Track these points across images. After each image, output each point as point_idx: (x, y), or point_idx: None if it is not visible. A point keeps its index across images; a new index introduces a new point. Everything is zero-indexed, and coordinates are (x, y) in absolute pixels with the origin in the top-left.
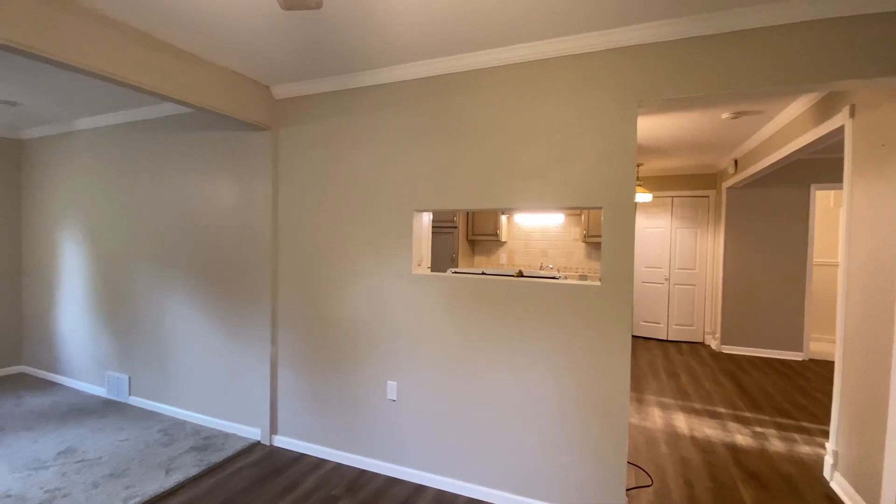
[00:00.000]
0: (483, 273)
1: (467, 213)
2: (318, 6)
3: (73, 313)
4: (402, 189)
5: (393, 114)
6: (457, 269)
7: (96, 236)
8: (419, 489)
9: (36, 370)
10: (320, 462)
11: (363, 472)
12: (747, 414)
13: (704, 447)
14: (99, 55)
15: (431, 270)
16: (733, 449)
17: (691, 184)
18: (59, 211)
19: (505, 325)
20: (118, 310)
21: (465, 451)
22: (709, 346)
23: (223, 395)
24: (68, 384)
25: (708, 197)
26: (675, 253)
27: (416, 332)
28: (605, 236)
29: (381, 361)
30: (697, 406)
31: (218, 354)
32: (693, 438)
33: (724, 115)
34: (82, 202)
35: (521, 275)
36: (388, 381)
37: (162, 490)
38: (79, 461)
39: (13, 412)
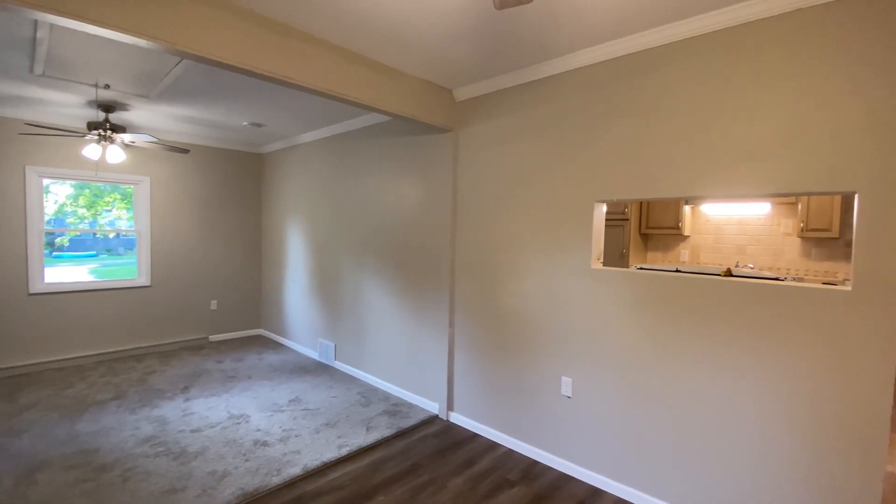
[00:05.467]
0: (678, 271)
1: (640, 204)
2: (530, 0)
3: (295, 290)
4: (580, 179)
5: (572, 102)
6: (643, 266)
7: (313, 228)
8: (596, 492)
9: (270, 333)
10: (493, 445)
11: (535, 462)
12: None
13: None
14: (328, 77)
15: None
16: None
17: None
18: (287, 208)
19: (706, 332)
20: (328, 288)
21: (651, 462)
22: None
23: (407, 368)
24: (292, 346)
25: None
26: None
27: (594, 330)
28: (861, 229)
29: (556, 355)
30: None
31: (403, 332)
32: None
33: None
34: (303, 201)
35: (729, 274)
36: (563, 377)
37: (365, 444)
38: (303, 409)
39: (257, 365)
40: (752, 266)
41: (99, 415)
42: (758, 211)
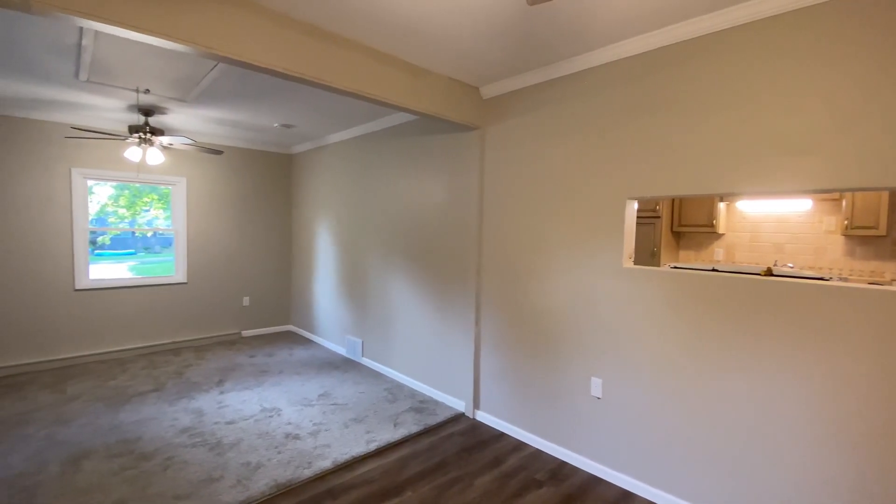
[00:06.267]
0: (714, 270)
1: (672, 201)
2: None
3: (324, 287)
4: (611, 176)
5: (602, 97)
6: (677, 265)
7: (340, 227)
8: (627, 495)
9: (299, 329)
10: (520, 444)
11: (564, 463)
12: None
13: None
14: (358, 78)
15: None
16: None
17: None
18: (315, 207)
19: (746, 334)
20: (355, 286)
21: (686, 467)
22: None
23: (433, 366)
24: (320, 342)
25: None
26: None
27: (625, 331)
28: None
29: (585, 356)
30: None
31: (429, 330)
32: None
33: None
34: (330, 200)
35: (769, 273)
36: (593, 378)
37: (393, 439)
38: (332, 404)
39: (287, 360)
40: (791, 265)
41: (140, 405)
42: (798, 208)
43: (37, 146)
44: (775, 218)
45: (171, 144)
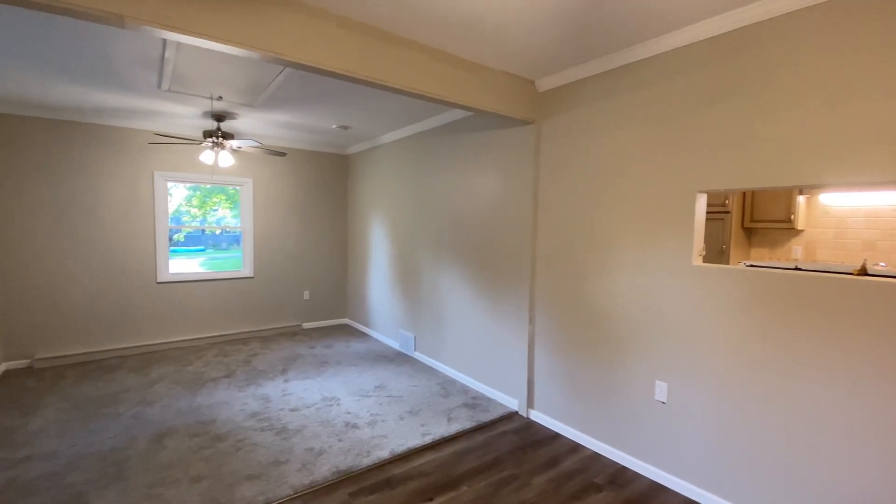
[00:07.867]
0: (797, 269)
1: (744, 195)
2: None
3: (378, 282)
4: (679, 168)
5: (670, 85)
6: (753, 263)
7: (394, 224)
8: None
9: (355, 323)
10: (577, 446)
11: (624, 468)
12: None
13: None
14: (416, 77)
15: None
16: None
17: None
18: (370, 205)
19: (834, 339)
20: (408, 282)
21: (758, 477)
22: None
23: (486, 363)
24: (374, 336)
25: None
26: None
27: (695, 333)
28: None
29: (649, 358)
30: None
31: (482, 326)
32: None
33: None
34: (384, 198)
35: (864, 272)
36: (657, 381)
37: (447, 434)
38: (388, 396)
39: (344, 352)
40: (884, 264)
41: (214, 390)
42: (893, 201)
43: (124, 151)
44: (865, 212)
45: (239, 147)
